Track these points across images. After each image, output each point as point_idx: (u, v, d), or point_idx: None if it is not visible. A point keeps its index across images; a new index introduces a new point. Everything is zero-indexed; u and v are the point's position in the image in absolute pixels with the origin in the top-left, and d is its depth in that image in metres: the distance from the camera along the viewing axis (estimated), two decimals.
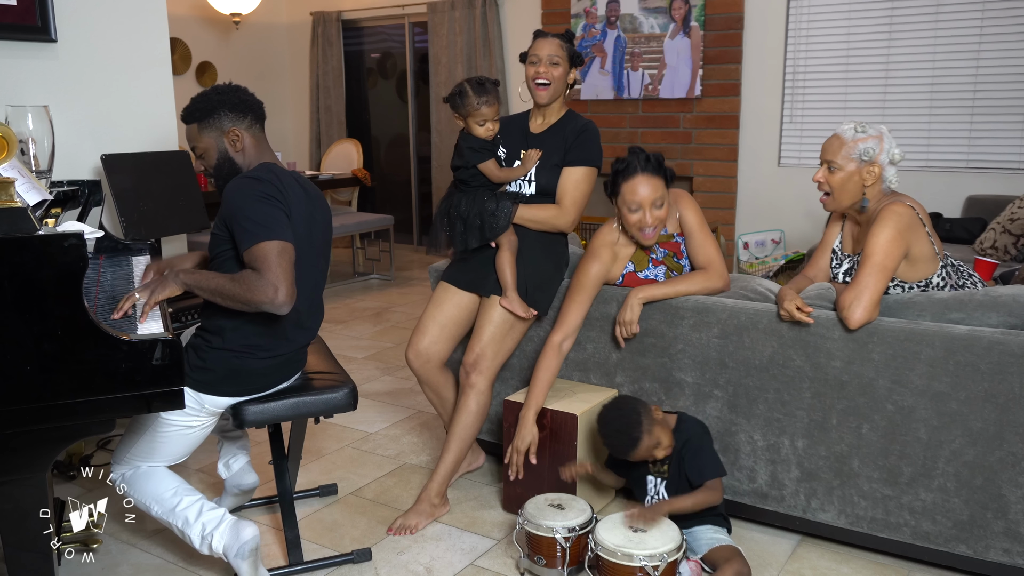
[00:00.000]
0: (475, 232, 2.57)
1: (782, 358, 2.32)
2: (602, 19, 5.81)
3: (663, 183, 2.44)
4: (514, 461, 2.51)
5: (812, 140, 5.30)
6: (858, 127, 2.35)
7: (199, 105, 2.16)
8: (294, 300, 1.97)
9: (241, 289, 1.94)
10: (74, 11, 3.06)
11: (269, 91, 7.76)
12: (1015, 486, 2.09)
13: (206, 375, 2.10)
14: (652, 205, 2.42)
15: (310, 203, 2.17)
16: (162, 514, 2.11)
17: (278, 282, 1.93)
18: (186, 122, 2.19)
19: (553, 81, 2.58)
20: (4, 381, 1.59)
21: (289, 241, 2.00)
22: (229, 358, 2.11)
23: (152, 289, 1.99)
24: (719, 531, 2.29)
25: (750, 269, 4.96)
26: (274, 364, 2.18)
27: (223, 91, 2.19)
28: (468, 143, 2.57)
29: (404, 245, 7.62)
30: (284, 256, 1.97)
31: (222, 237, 2.10)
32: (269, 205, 2.02)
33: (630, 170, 2.43)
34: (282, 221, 2.02)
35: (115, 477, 2.16)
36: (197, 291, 2.02)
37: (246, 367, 2.13)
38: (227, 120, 2.16)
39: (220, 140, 2.17)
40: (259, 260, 1.96)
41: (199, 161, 2.22)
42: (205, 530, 2.08)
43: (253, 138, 2.20)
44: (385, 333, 4.80)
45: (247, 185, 2.06)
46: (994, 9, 4.69)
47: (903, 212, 2.26)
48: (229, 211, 2.05)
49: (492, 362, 2.60)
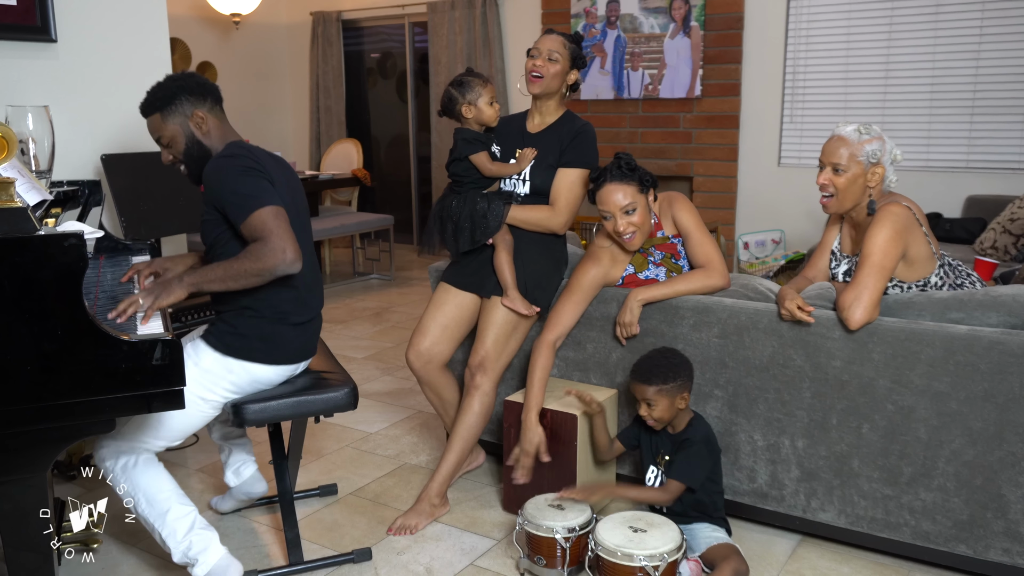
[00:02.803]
0: (466, 234, 2.57)
1: (782, 358, 2.32)
2: (602, 19, 5.81)
3: (634, 189, 2.43)
4: (523, 464, 2.47)
5: (812, 140, 5.30)
6: (862, 128, 2.34)
7: (158, 95, 2.16)
8: (302, 257, 2.03)
9: (251, 262, 1.98)
10: (74, 11, 3.06)
11: (269, 91, 7.76)
12: (1015, 486, 2.09)
13: (239, 340, 2.14)
14: (622, 211, 2.43)
15: (285, 171, 2.23)
16: (148, 514, 2.08)
17: (284, 243, 1.99)
18: (147, 114, 2.18)
19: (547, 76, 2.57)
20: (4, 381, 1.59)
21: (280, 205, 2.05)
22: (263, 324, 2.16)
23: (156, 295, 1.96)
24: (717, 530, 2.29)
25: (750, 269, 4.96)
26: (302, 331, 2.23)
27: (178, 78, 2.19)
28: (462, 135, 2.59)
29: (404, 245, 7.62)
30: (281, 218, 2.02)
31: (215, 221, 2.11)
32: (251, 176, 2.06)
33: (602, 179, 2.46)
34: (267, 188, 2.06)
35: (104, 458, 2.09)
36: (206, 287, 2.01)
37: (279, 333, 2.18)
38: (188, 104, 2.16)
39: (186, 125, 2.16)
40: (258, 228, 2.00)
41: (166, 151, 2.21)
42: (191, 550, 2.06)
43: (216, 119, 2.21)
44: (385, 333, 4.80)
45: (225, 164, 2.09)
46: (994, 9, 4.69)
47: (900, 212, 2.26)
48: (215, 192, 2.07)
49: (497, 363, 2.60)
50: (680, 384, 2.26)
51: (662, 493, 2.26)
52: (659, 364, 2.28)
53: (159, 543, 2.10)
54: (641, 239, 2.49)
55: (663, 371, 2.26)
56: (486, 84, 2.59)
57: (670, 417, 2.29)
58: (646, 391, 2.26)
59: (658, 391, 2.24)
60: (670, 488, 2.24)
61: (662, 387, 2.24)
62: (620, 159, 2.45)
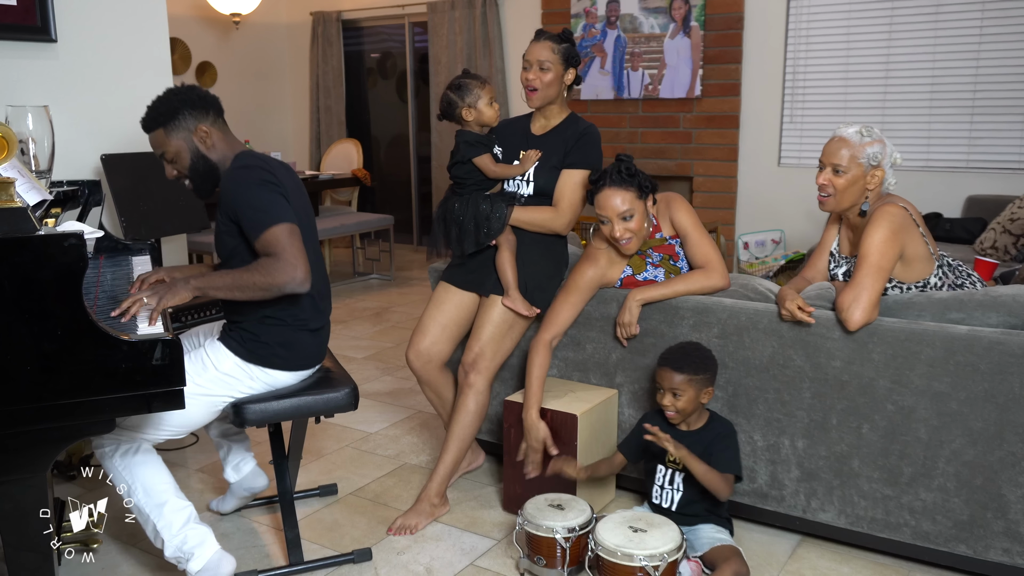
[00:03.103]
0: (470, 236, 2.57)
1: (782, 358, 2.32)
2: (602, 19, 5.81)
3: (633, 194, 2.42)
4: (532, 459, 2.48)
5: (812, 140, 5.30)
6: (864, 130, 2.34)
7: (160, 110, 2.14)
8: (311, 277, 2.05)
9: (260, 276, 1.99)
10: (74, 11, 3.06)
11: (269, 91, 7.76)
12: (1015, 486, 2.09)
13: (262, 347, 2.16)
14: (619, 217, 2.42)
15: (292, 178, 2.24)
16: (143, 505, 2.06)
17: (296, 261, 2.00)
18: (149, 130, 2.16)
19: (541, 87, 2.57)
20: (4, 381, 1.59)
21: (294, 222, 2.06)
22: (285, 331, 2.18)
23: (161, 295, 1.95)
24: (720, 531, 2.29)
25: (750, 269, 4.96)
26: (318, 336, 2.26)
27: (179, 91, 2.17)
28: (464, 138, 2.58)
29: (404, 245, 7.62)
30: (294, 236, 2.04)
31: (231, 232, 2.12)
32: (267, 191, 2.07)
33: (601, 182, 2.45)
34: (283, 204, 2.07)
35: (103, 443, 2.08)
36: (212, 292, 2.01)
37: (299, 340, 2.20)
38: (192, 119, 2.14)
39: (190, 140, 2.15)
40: (272, 244, 2.01)
41: (170, 166, 2.19)
42: (186, 544, 2.05)
43: (219, 131, 2.20)
44: (385, 333, 4.80)
45: (241, 175, 2.09)
46: (994, 9, 4.69)
47: (895, 213, 2.27)
48: (231, 205, 2.08)
49: (491, 362, 2.60)
50: (707, 378, 2.26)
51: (723, 481, 2.22)
52: (691, 353, 2.28)
53: (150, 536, 2.08)
54: (637, 244, 2.49)
55: (695, 361, 2.26)
56: (484, 85, 2.58)
57: (692, 410, 2.28)
58: (674, 379, 2.24)
59: (687, 380, 2.23)
60: (729, 480, 2.24)
61: (692, 377, 2.24)
62: (621, 163, 2.45)
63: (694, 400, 2.26)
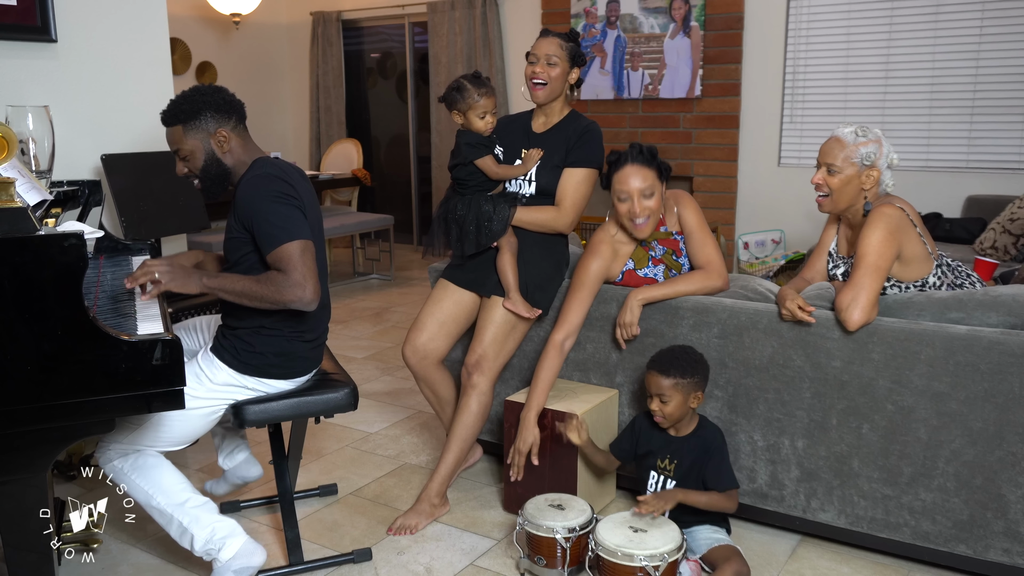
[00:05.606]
0: (471, 238, 2.56)
1: (782, 358, 2.32)
2: (602, 19, 5.81)
3: (654, 174, 2.44)
4: (516, 462, 2.51)
5: (812, 140, 5.30)
6: (859, 131, 2.35)
7: (183, 107, 2.12)
8: (319, 296, 2.04)
9: (269, 290, 1.99)
10: (74, 11, 3.06)
11: (269, 91, 7.76)
12: (1015, 486, 2.09)
13: (256, 358, 2.15)
14: (640, 194, 2.43)
15: (306, 184, 2.22)
16: (165, 506, 2.08)
17: (305, 280, 2.00)
18: (168, 124, 2.14)
19: (549, 81, 2.57)
20: (4, 381, 1.59)
21: (308, 239, 2.05)
22: (281, 342, 2.18)
23: (174, 275, 1.96)
24: (718, 531, 2.29)
25: (750, 269, 4.97)
26: (314, 345, 2.26)
27: (206, 92, 2.15)
28: (466, 139, 2.57)
29: (404, 245, 7.62)
30: (307, 254, 2.03)
31: (242, 239, 2.10)
32: (286, 205, 2.05)
33: (621, 161, 2.46)
34: (300, 220, 2.06)
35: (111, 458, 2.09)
36: (220, 293, 2.02)
37: (294, 350, 2.20)
38: (213, 121, 2.13)
39: (207, 142, 2.14)
40: (283, 261, 2.01)
41: (182, 163, 2.17)
42: (217, 534, 2.07)
43: (239, 138, 2.18)
44: (385, 333, 4.80)
45: (261, 184, 2.07)
46: (994, 9, 4.69)
47: (892, 213, 2.27)
48: (247, 214, 2.06)
49: (494, 363, 2.60)
50: (696, 382, 2.25)
51: (727, 499, 2.24)
52: (679, 357, 2.27)
53: (175, 536, 2.09)
54: (651, 228, 2.49)
55: (683, 364, 2.25)
56: (483, 96, 2.52)
57: (680, 415, 2.27)
58: (662, 383, 2.24)
59: (675, 385, 2.23)
60: (730, 495, 2.25)
61: (679, 380, 2.23)
62: (637, 146, 2.46)
63: (682, 405, 2.25)
